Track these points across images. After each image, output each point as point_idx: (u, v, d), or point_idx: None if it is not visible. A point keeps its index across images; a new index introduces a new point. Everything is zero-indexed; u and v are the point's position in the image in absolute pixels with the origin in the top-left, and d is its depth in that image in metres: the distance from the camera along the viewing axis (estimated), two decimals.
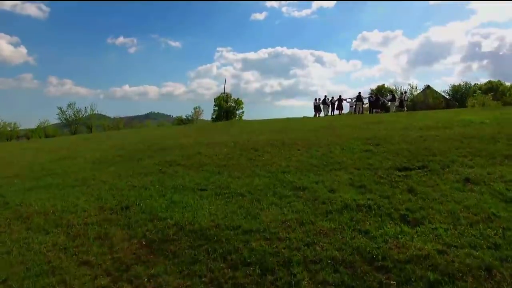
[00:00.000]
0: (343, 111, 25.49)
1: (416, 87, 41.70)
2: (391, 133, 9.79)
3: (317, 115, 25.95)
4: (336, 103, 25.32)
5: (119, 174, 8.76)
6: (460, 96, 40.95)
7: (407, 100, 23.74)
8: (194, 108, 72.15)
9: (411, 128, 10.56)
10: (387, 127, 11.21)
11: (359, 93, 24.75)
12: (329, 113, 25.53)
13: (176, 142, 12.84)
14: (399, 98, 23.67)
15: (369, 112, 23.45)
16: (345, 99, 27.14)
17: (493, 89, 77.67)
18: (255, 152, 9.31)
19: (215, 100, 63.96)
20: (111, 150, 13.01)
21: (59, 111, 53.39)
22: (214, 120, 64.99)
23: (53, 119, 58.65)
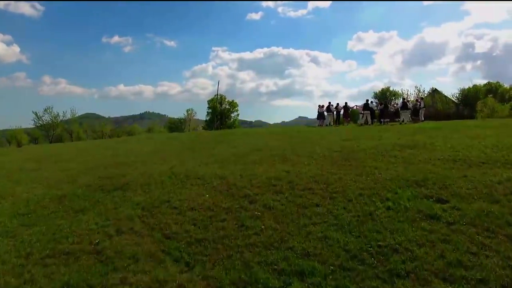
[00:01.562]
0: (349, 120, 22.60)
1: (424, 91, 38.90)
2: (450, 173, 6.84)
3: (321, 124, 23.06)
4: (342, 111, 22.48)
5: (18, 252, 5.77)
6: (469, 100, 38.25)
7: (424, 108, 20.86)
8: (187, 110, 68.91)
9: (470, 160, 7.62)
10: (432, 157, 8.26)
11: (367, 100, 21.96)
12: (333, 122, 22.67)
13: (143, 172, 9.82)
14: (413, 106, 20.83)
15: (379, 122, 20.58)
16: (352, 107, 24.31)
17: (492, 91, 75.70)
18: (250, 206, 6.33)
19: (209, 102, 60.86)
20: (55, 187, 9.57)
21: (34, 116, 49.12)
22: (208, 123, 61.97)
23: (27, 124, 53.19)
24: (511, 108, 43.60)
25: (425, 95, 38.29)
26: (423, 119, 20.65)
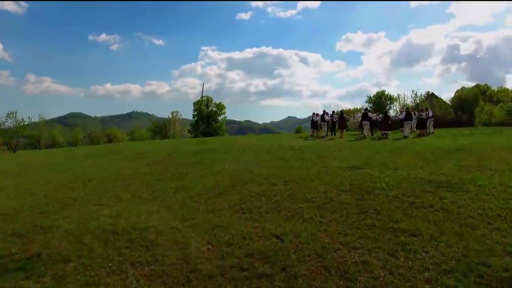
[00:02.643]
0: (345, 131, 20.04)
1: (421, 95, 36.78)
2: None
3: (315, 134, 20.50)
4: (337, 120, 19.95)
5: None
6: (467, 104, 36.41)
7: (432, 118, 18.44)
8: (172, 113, 65.56)
9: None
10: (486, 208, 5.71)
11: (366, 109, 19.49)
12: (327, 133, 20.13)
13: (68, 231, 6.97)
14: (418, 116, 18.42)
15: (382, 134, 18.13)
16: (348, 117, 21.84)
17: (480, 93, 75.33)
18: None
19: (194, 104, 57.69)
20: None
21: None
22: (193, 126, 58.79)
23: None
24: (507, 112, 42.24)
25: (421, 99, 36.34)
26: (432, 131, 18.27)
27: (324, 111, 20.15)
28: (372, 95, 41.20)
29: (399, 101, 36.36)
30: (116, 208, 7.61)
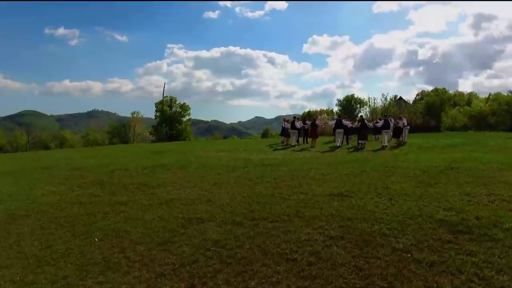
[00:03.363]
0: (317, 140, 18.30)
1: (392, 99, 36.31)
2: None
3: (285, 142, 18.65)
4: (309, 128, 18.20)
5: None
6: (435, 110, 36.46)
7: (408, 127, 17.29)
8: (132, 113, 61.17)
9: None
10: None
11: (339, 116, 17.91)
12: (298, 142, 18.36)
13: None
14: (395, 124, 17.18)
15: (358, 144, 16.62)
16: (321, 124, 20.24)
17: (435, 96, 78.66)
18: None
19: (156, 105, 53.95)
20: None
21: None
22: (155, 128, 54.97)
23: None
24: (469, 117, 43.41)
25: (390, 103, 35.98)
26: (406, 140, 17.06)
27: (294, 117, 18.37)
28: (342, 98, 40.33)
29: (369, 105, 35.68)
30: (11, 273, 5.01)
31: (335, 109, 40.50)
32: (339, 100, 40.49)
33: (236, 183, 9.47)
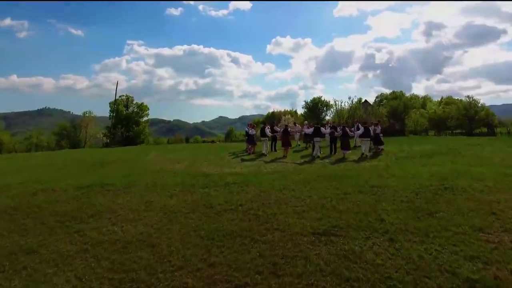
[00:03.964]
0: (290, 148, 16.63)
1: (357, 102, 35.96)
2: None
3: (251, 150, 16.81)
4: (281, 135, 16.50)
5: None
6: (399, 114, 36.78)
7: (381, 134, 16.22)
8: (84, 113, 56.01)
9: None
10: None
11: (317, 124, 16.36)
12: (268, 150, 16.63)
13: None
14: (373, 131, 16.00)
15: (344, 154, 15.20)
16: (294, 131, 18.67)
17: (397, 99, 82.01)
18: None
19: (111, 105, 49.69)
20: None
21: None
22: (109, 130, 50.64)
23: None
24: (428, 120, 44.69)
25: (356, 106, 35.67)
26: (383, 147, 16.00)
27: (264, 124, 16.59)
28: (309, 101, 39.32)
29: (336, 108, 34.92)
30: None
31: (301, 111, 39.50)
32: (306, 102, 39.48)
33: (193, 212, 7.44)
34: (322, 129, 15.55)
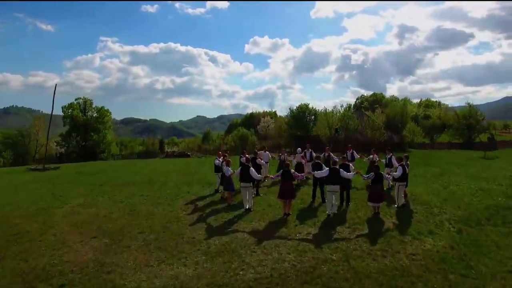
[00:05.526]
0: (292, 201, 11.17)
1: (347, 109, 31.01)
2: None
3: (229, 202, 11.32)
4: (281, 180, 11.00)
5: None
6: (396, 123, 32.24)
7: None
8: (34, 118, 48.34)
9: None
10: None
11: (318, 157, 11.30)
12: (250, 205, 11.23)
13: None
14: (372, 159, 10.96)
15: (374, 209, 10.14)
16: (289, 163, 13.29)
17: (377, 101, 79.07)
18: None
19: (64, 109, 42.49)
20: None
21: None
22: (65, 138, 43.53)
23: None
24: (423, 130, 40.89)
25: (349, 115, 30.93)
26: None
27: (255, 152, 11.15)
28: (295, 108, 33.94)
29: (327, 118, 29.42)
30: None
31: (281, 113, 34.33)
32: (291, 110, 34.04)
33: None
34: (343, 171, 9.46)
